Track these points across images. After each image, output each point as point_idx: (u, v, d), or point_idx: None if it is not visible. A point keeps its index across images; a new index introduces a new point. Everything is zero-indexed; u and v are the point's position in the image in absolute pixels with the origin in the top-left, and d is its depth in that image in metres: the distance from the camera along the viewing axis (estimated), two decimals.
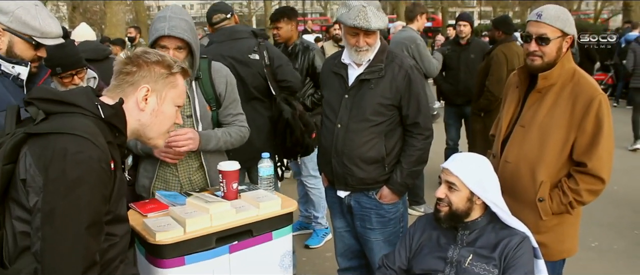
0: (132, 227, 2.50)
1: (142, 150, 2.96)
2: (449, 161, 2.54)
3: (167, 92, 1.95)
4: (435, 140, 3.23)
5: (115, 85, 1.92)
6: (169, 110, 1.98)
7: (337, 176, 3.17)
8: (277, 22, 5.00)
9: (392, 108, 3.04)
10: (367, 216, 3.20)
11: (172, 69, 1.95)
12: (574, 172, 2.63)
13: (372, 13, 2.88)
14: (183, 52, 2.84)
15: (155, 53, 1.96)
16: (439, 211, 2.53)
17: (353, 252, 3.44)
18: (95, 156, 1.64)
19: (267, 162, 2.89)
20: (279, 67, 4.15)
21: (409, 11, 6.06)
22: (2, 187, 1.69)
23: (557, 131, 2.63)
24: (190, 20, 2.89)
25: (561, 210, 2.65)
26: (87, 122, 1.72)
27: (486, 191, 2.47)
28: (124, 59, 1.92)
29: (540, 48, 2.63)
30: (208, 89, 3.03)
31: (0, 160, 1.67)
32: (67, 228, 1.60)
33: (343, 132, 3.08)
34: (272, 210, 2.62)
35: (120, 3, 13.90)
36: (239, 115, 3.18)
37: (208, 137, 2.97)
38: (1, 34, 2.29)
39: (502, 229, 2.52)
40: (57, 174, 1.59)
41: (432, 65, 5.78)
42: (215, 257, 2.46)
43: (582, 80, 2.64)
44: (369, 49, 3.00)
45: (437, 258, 2.55)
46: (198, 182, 3.06)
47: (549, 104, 2.66)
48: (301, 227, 5.51)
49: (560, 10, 2.64)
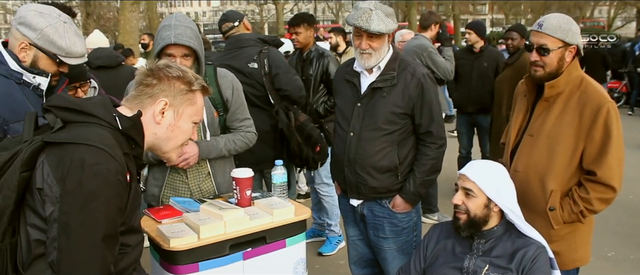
0: (147, 232, 2.52)
1: (152, 157, 2.97)
2: (466, 168, 2.54)
3: (184, 108, 1.96)
4: (448, 149, 3.21)
5: (134, 95, 1.92)
6: (185, 126, 1.98)
7: (349, 185, 3.17)
8: (296, 27, 5.01)
9: (405, 116, 3.03)
10: (380, 225, 3.19)
11: (192, 86, 1.96)
12: (585, 180, 2.61)
13: (377, 16, 2.88)
14: (189, 60, 2.85)
15: (177, 68, 1.96)
16: (458, 219, 2.52)
17: (366, 260, 3.43)
18: (112, 168, 1.65)
19: (281, 169, 2.90)
20: (276, 76, 4.13)
21: (424, 19, 6.06)
22: (19, 194, 1.70)
23: (566, 140, 2.61)
24: (195, 28, 2.91)
25: (572, 219, 2.63)
26: (104, 133, 1.73)
27: (503, 198, 2.46)
28: (145, 71, 1.93)
29: (541, 58, 2.63)
30: (215, 94, 3.05)
31: (18, 167, 1.67)
32: (83, 239, 1.61)
33: (355, 141, 3.08)
34: (285, 218, 2.62)
35: (133, 10, 13.98)
36: (246, 120, 3.20)
37: (209, 148, 2.98)
38: (28, 48, 2.34)
39: (518, 237, 2.50)
40: (74, 185, 1.60)
41: (447, 69, 5.77)
42: (229, 264, 2.46)
43: (590, 88, 2.63)
44: (372, 53, 2.98)
45: (453, 268, 2.54)
46: (208, 190, 3.07)
47: (556, 112, 2.65)
48: (314, 235, 5.50)
49: (562, 20, 2.62)
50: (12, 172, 1.68)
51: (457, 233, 2.57)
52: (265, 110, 4.14)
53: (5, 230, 1.70)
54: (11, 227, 1.72)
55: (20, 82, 2.31)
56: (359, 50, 2.99)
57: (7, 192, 1.67)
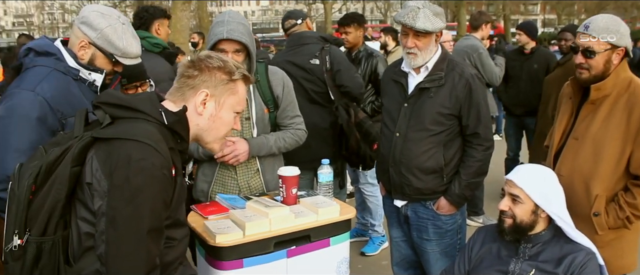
0: (193, 228, 2.57)
1: (203, 153, 3.03)
2: (512, 173, 2.50)
3: (226, 98, 1.97)
4: (495, 151, 3.16)
5: (176, 87, 1.96)
6: (227, 116, 2.00)
7: (394, 185, 3.16)
8: (347, 27, 5.03)
9: (452, 118, 3.00)
10: (424, 227, 3.17)
11: (233, 76, 1.97)
12: (632, 185, 2.56)
13: (424, 15, 2.86)
14: (241, 55, 2.90)
15: (218, 58, 1.98)
16: (503, 223, 2.48)
17: (409, 262, 3.42)
18: (157, 163, 1.69)
19: (327, 168, 2.91)
20: (337, 72, 4.15)
21: (474, 19, 5.97)
22: (70, 189, 1.76)
23: (612, 143, 2.55)
24: (247, 24, 2.96)
25: (618, 224, 2.58)
26: (150, 128, 1.77)
27: (551, 204, 2.41)
28: (187, 63, 1.96)
29: (587, 61, 2.58)
30: (266, 91, 3.09)
31: (69, 162, 1.74)
32: (129, 232, 1.65)
33: (401, 141, 3.07)
34: (330, 217, 2.63)
35: (184, 9, 14.22)
36: (296, 117, 3.22)
37: (259, 145, 3.02)
38: (86, 47, 2.44)
39: (566, 243, 2.45)
40: (121, 180, 1.65)
41: (495, 74, 5.68)
42: (273, 261, 2.49)
43: (638, 90, 2.57)
44: (418, 53, 2.96)
45: (497, 271, 2.50)
46: (256, 187, 3.11)
47: (603, 115, 2.60)
48: (358, 234, 5.49)
49: (610, 22, 2.56)
50: (63, 167, 1.74)
51: (500, 237, 2.53)
52: (325, 107, 4.17)
53: (58, 223, 1.77)
54: (63, 220, 1.79)
55: (77, 78, 2.41)
56: (406, 49, 2.98)
57: (59, 186, 1.74)
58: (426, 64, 3.01)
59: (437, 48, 3.04)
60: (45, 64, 2.39)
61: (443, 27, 2.96)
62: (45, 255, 1.77)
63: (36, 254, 1.76)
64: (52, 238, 1.78)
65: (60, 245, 1.79)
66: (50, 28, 67.21)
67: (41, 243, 1.76)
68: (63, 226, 1.79)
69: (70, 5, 33.41)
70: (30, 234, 1.75)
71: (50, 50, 2.41)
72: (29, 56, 2.44)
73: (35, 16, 68.29)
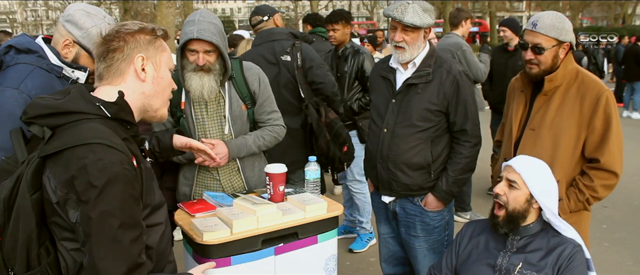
0: (181, 226, 2.55)
1: (183, 157, 3.00)
2: (513, 160, 2.53)
3: (160, 56, 1.89)
4: (483, 147, 3.18)
5: (106, 66, 1.82)
6: (166, 75, 1.92)
7: (382, 181, 3.16)
8: (335, 24, 5.00)
9: (439, 114, 3.01)
10: (412, 223, 3.18)
11: (156, 32, 1.89)
12: (588, 169, 2.72)
13: (413, 10, 2.87)
14: (213, 55, 2.87)
15: (133, 23, 1.88)
16: (496, 216, 2.49)
17: (397, 258, 3.42)
18: (115, 160, 1.61)
19: (314, 165, 2.91)
20: (309, 69, 4.09)
21: (453, 17, 5.98)
22: (38, 216, 1.67)
23: (568, 131, 2.73)
24: (219, 24, 2.92)
25: (579, 207, 2.73)
26: (95, 125, 1.68)
27: (544, 196, 2.44)
28: (105, 38, 1.82)
29: (536, 57, 2.75)
30: (242, 87, 3.06)
31: (25, 192, 1.65)
32: (102, 235, 1.58)
33: (389, 137, 3.07)
34: (318, 214, 2.63)
35: (170, 6, 14.17)
36: (274, 112, 3.19)
37: (239, 147, 3.00)
38: (71, 45, 2.41)
39: (554, 236, 2.47)
40: (83, 187, 1.57)
41: (480, 70, 5.70)
42: (260, 259, 2.49)
43: (586, 78, 2.76)
44: (405, 48, 2.96)
45: (486, 265, 2.52)
46: (239, 186, 3.10)
47: (556, 105, 2.77)
48: (345, 231, 5.51)
49: (556, 19, 2.74)
50: (22, 199, 1.65)
51: (494, 229, 2.54)
52: (295, 106, 4.10)
53: (39, 253, 1.70)
54: (44, 248, 1.71)
55: (61, 76, 2.38)
56: (393, 42, 2.98)
57: (25, 220, 1.65)
58: (414, 60, 3.01)
59: (425, 44, 3.04)
60: (28, 61, 2.35)
61: (431, 23, 2.96)
62: None
63: None
64: (40, 269, 1.70)
65: (51, 273, 1.72)
66: (34, 25, 66.67)
67: None
68: (46, 253, 1.71)
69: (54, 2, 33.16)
70: (15, 273, 1.69)
71: (32, 48, 2.38)
72: (9, 54, 2.40)
73: (18, 13, 67.66)
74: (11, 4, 63.01)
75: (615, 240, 5.35)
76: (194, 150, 2.83)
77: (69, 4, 30.04)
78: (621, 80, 13.97)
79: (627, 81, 13.19)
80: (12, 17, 66.81)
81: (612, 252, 5.05)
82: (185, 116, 3.02)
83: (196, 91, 2.89)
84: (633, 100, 12.83)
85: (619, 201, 6.38)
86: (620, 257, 4.95)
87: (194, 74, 2.88)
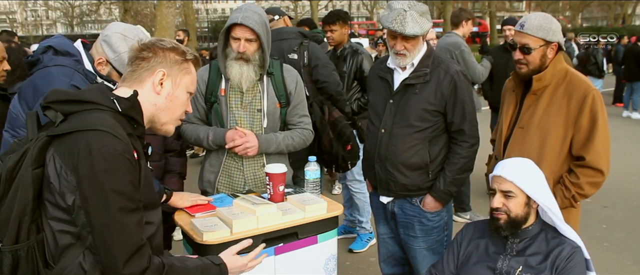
0: (181, 226, 2.56)
1: (212, 142, 3.07)
2: (498, 169, 2.51)
3: (181, 77, 1.99)
4: (481, 147, 3.18)
5: (131, 71, 1.96)
6: (182, 95, 2.02)
7: (380, 182, 3.16)
8: (332, 25, 5.01)
9: (437, 114, 3.01)
10: (410, 223, 3.18)
11: (186, 56, 2.00)
12: (574, 166, 2.77)
13: (412, 18, 2.85)
14: (254, 45, 2.94)
15: (169, 41, 2.01)
16: (498, 220, 2.48)
17: (396, 259, 3.42)
18: (119, 148, 1.70)
19: (314, 165, 2.91)
20: (315, 68, 4.14)
21: (454, 17, 5.99)
22: (36, 191, 1.74)
23: (555, 129, 2.78)
24: (264, 16, 3.00)
25: (565, 204, 2.75)
26: (105, 116, 1.77)
27: (539, 194, 2.44)
28: (139, 46, 1.96)
29: (525, 57, 2.81)
30: (280, 85, 3.13)
31: (29, 165, 1.72)
32: (108, 217, 1.67)
33: (387, 137, 3.07)
34: (318, 214, 2.64)
35: (170, 6, 14.16)
36: (305, 116, 3.26)
37: (268, 142, 3.07)
38: (104, 64, 2.60)
39: (553, 237, 2.47)
40: (86, 170, 1.66)
41: (477, 72, 5.70)
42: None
43: (574, 78, 2.81)
44: (407, 55, 2.97)
45: (486, 268, 2.52)
46: (262, 178, 3.13)
47: (544, 104, 2.82)
48: (345, 231, 5.51)
49: (543, 20, 2.78)
50: (24, 171, 1.72)
51: (496, 233, 2.52)
52: None
53: (30, 228, 1.75)
54: (35, 224, 1.76)
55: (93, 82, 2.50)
56: (394, 51, 2.98)
57: (23, 191, 1.71)
58: (412, 60, 3.01)
59: (423, 45, 3.04)
60: (66, 63, 2.45)
61: (430, 26, 2.98)
62: (22, 262, 1.75)
63: (12, 263, 1.74)
64: (27, 244, 1.75)
65: (36, 250, 1.77)
66: (34, 25, 66.64)
67: (16, 251, 1.73)
68: (36, 230, 1.77)
69: (54, 2, 33.20)
70: (3, 244, 1.73)
71: (70, 51, 2.53)
72: (48, 54, 2.50)
73: (18, 13, 67.64)
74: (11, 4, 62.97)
75: (615, 240, 5.36)
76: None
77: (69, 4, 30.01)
78: (621, 80, 13.98)
79: (626, 81, 13.20)
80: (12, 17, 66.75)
81: (612, 252, 5.06)
82: (219, 102, 3.10)
83: (235, 78, 2.99)
84: (633, 100, 12.82)
85: (619, 201, 6.39)
86: (620, 257, 4.95)
87: (235, 62, 2.98)
